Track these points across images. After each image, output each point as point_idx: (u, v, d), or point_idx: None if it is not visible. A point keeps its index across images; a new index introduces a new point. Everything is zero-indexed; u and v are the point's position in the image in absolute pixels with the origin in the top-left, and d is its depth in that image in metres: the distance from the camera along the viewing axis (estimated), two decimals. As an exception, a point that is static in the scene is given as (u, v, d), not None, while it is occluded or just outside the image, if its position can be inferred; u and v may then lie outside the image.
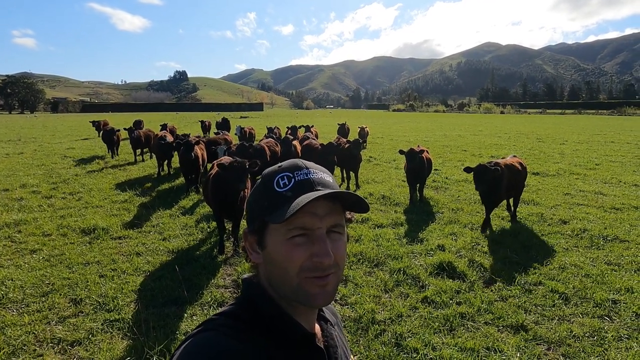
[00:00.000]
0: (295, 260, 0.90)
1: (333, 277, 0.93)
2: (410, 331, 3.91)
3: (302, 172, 0.95)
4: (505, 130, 30.87)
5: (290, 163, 0.99)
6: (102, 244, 6.29)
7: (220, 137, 12.78)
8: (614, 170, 12.64)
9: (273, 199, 0.93)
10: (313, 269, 0.90)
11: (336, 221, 0.94)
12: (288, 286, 0.92)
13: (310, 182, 0.94)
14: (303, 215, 0.89)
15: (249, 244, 1.00)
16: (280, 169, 0.97)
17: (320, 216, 0.91)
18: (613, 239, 6.46)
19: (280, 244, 0.91)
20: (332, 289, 0.93)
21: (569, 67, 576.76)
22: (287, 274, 0.91)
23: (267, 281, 0.97)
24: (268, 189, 0.95)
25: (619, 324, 4.04)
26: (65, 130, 29.74)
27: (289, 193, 0.92)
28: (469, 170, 6.75)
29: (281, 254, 0.91)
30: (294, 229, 0.90)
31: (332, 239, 0.93)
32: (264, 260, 0.96)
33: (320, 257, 0.89)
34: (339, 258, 0.93)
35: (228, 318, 0.92)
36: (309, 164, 0.99)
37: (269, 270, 0.95)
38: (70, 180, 10.98)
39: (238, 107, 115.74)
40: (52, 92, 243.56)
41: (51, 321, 4.11)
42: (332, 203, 0.94)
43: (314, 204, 0.89)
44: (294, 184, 0.93)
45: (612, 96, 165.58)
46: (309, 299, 0.91)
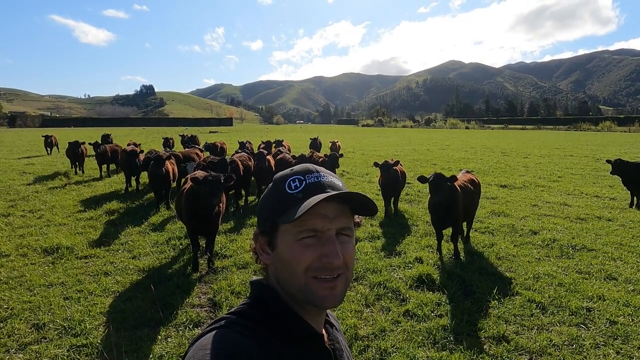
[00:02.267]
0: (305, 261, 0.92)
1: (342, 279, 0.95)
2: (394, 346, 3.85)
3: (313, 175, 0.98)
4: (471, 144, 31.84)
5: (302, 167, 1.01)
6: (66, 263, 5.94)
7: (191, 151, 12.51)
8: (575, 182, 13.20)
9: (284, 201, 0.95)
10: (322, 269, 0.92)
11: (345, 224, 0.97)
12: (296, 285, 0.94)
13: (320, 185, 0.97)
14: (313, 217, 0.92)
15: (259, 245, 1.02)
16: (292, 172, 1.00)
17: (330, 218, 0.94)
18: (581, 248, 6.68)
19: (290, 244, 0.94)
20: (340, 292, 0.95)
21: (528, 85, 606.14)
22: (295, 273, 0.93)
23: (276, 282, 0.99)
24: (280, 191, 0.98)
25: (594, 332, 4.13)
26: (23, 145, 28.36)
27: (300, 195, 0.94)
28: (423, 180, 6.08)
29: (291, 254, 0.94)
30: (304, 231, 0.93)
31: (342, 241, 0.96)
32: (274, 260, 0.99)
33: (329, 257, 0.92)
34: (348, 259, 0.95)
35: (239, 316, 0.94)
36: (320, 168, 1.02)
37: (279, 270, 0.98)
38: (30, 197, 10.41)
39: (207, 122, 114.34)
40: (10, 106, 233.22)
41: (10, 349, 3.79)
42: (342, 205, 0.97)
43: (324, 206, 0.92)
44: (305, 186, 0.96)
45: (568, 112, 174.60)
46: (318, 300, 0.93)
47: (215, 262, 5.96)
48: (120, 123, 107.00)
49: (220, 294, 4.91)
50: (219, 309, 4.62)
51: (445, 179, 5.90)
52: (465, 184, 6.58)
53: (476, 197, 7.05)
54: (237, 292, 4.97)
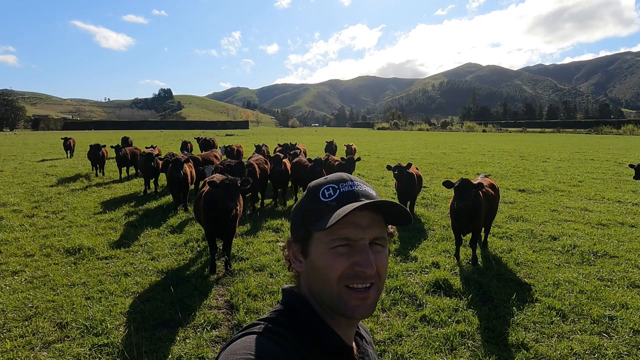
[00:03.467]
0: (337, 269, 0.92)
1: (374, 289, 0.95)
2: (411, 351, 3.83)
3: (347, 184, 0.99)
4: (489, 148, 31.43)
5: (336, 176, 1.02)
6: (87, 264, 6.08)
7: (210, 154, 12.67)
8: (596, 187, 12.91)
9: (318, 209, 0.96)
10: (354, 277, 0.92)
11: (379, 234, 0.97)
12: (328, 295, 0.94)
13: (354, 194, 0.97)
14: (347, 225, 0.92)
15: (292, 253, 1.03)
16: (327, 181, 1.01)
17: (363, 227, 0.94)
18: (603, 254, 6.53)
19: (323, 252, 0.94)
20: (372, 302, 0.95)
21: (547, 87, 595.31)
22: (328, 281, 0.93)
23: (308, 290, 1.00)
24: (314, 199, 0.98)
25: (617, 341, 4.03)
26: (46, 147, 29.11)
27: (334, 203, 0.95)
28: (449, 184, 6.03)
29: (323, 262, 0.94)
30: (337, 239, 0.93)
31: (375, 250, 0.95)
32: (306, 268, 0.99)
33: (362, 266, 0.92)
34: (380, 269, 0.95)
35: (270, 323, 0.94)
36: (354, 177, 1.02)
37: (311, 278, 0.98)
38: (53, 198, 10.68)
39: (223, 125, 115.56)
40: (34, 109, 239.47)
41: (35, 347, 3.90)
42: (375, 215, 0.96)
43: (357, 215, 0.92)
44: (339, 194, 0.96)
45: (589, 115, 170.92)
46: (348, 310, 0.93)
47: (232, 265, 6.02)
48: (139, 126, 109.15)
49: (237, 296, 4.96)
50: (235, 311, 4.67)
51: (472, 185, 5.83)
52: (487, 189, 6.48)
53: (496, 202, 6.98)
54: (254, 295, 5.01)
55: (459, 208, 5.82)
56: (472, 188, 5.80)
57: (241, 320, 4.40)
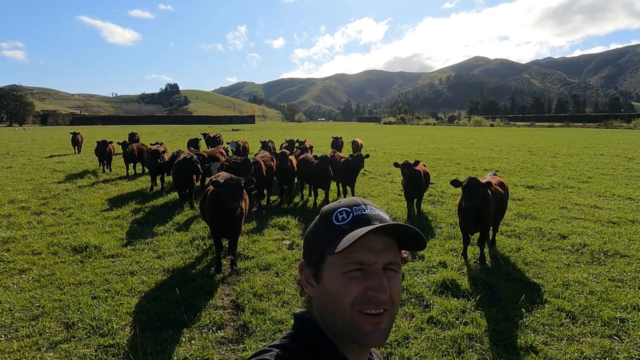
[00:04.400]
0: (350, 294, 0.91)
1: (387, 315, 0.93)
2: (417, 354, 3.79)
3: (360, 208, 0.98)
4: (497, 143, 31.14)
5: (350, 200, 1.02)
6: (94, 262, 6.10)
7: (216, 151, 12.66)
8: (606, 183, 12.72)
9: (331, 232, 0.96)
10: (367, 303, 0.91)
11: (392, 258, 0.96)
12: (340, 320, 0.93)
13: (367, 217, 0.96)
14: (360, 249, 0.91)
15: (304, 277, 1.02)
16: (340, 205, 1.01)
17: (377, 251, 0.93)
18: (613, 254, 6.43)
19: (336, 277, 0.93)
20: (385, 328, 0.94)
21: (556, 81, 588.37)
22: (340, 307, 0.92)
23: (320, 316, 0.99)
24: (327, 222, 0.98)
25: (629, 344, 3.96)
26: (54, 143, 29.32)
27: (347, 226, 0.94)
28: (457, 183, 5.99)
29: (336, 286, 0.93)
30: (351, 263, 0.92)
31: (388, 276, 0.94)
32: (319, 293, 0.98)
33: (376, 291, 0.91)
34: (394, 295, 0.94)
35: (281, 349, 0.93)
36: (367, 201, 1.02)
37: (323, 303, 0.97)
38: (61, 195, 10.74)
39: (230, 119, 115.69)
40: (42, 104, 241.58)
41: (42, 347, 3.91)
42: (389, 239, 0.96)
43: (371, 239, 0.92)
44: (352, 218, 0.96)
45: (598, 109, 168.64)
46: (361, 335, 0.91)
47: (238, 264, 6.01)
48: (146, 121, 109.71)
49: (242, 296, 4.94)
50: (241, 311, 4.65)
51: (480, 185, 5.73)
52: (496, 188, 6.35)
53: (505, 200, 6.86)
54: (260, 295, 4.99)
55: (467, 208, 5.75)
56: (481, 187, 5.71)
57: (246, 321, 4.38)
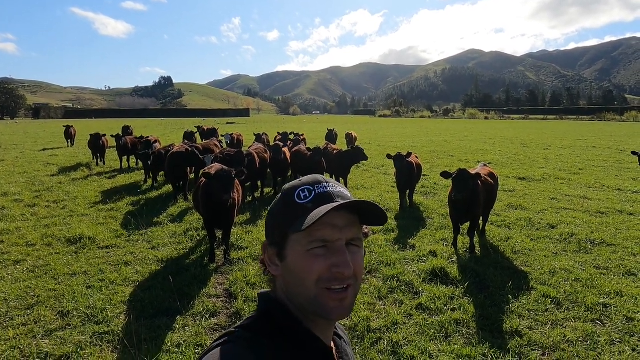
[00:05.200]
0: (315, 271, 0.91)
1: (351, 291, 0.94)
2: (406, 339, 3.89)
3: (322, 186, 0.98)
4: (490, 135, 31.31)
5: (311, 178, 1.02)
6: (88, 253, 6.15)
7: (210, 143, 12.68)
8: (597, 174, 12.90)
9: (294, 211, 0.95)
10: (332, 279, 0.92)
11: (355, 234, 0.96)
12: (306, 297, 0.93)
13: (329, 195, 0.96)
14: (323, 227, 0.91)
15: (268, 257, 1.01)
16: (301, 183, 1.00)
17: (340, 228, 0.93)
18: (600, 242, 6.57)
19: (300, 255, 0.93)
20: (349, 303, 0.94)
21: (550, 74, 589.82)
22: (305, 284, 0.93)
23: (285, 294, 0.98)
24: (289, 201, 0.98)
25: (610, 328, 4.09)
26: (47, 137, 29.12)
27: (310, 204, 0.94)
28: (447, 175, 6.06)
29: (300, 265, 0.93)
30: (315, 241, 0.92)
31: (351, 251, 0.95)
32: (283, 272, 0.98)
33: (340, 267, 0.91)
34: (357, 270, 0.95)
35: (246, 331, 0.93)
36: (329, 179, 1.02)
37: (288, 282, 0.97)
38: (54, 188, 10.74)
39: (224, 113, 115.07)
40: (34, 98, 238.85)
41: (37, 335, 3.97)
42: (351, 215, 0.96)
43: (334, 216, 0.92)
44: (315, 196, 0.96)
45: (592, 102, 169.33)
46: (326, 312, 0.92)
47: (231, 254, 6.08)
48: (140, 114, 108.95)
49: (236, 285, 5.02)
50: (234, 299, 4.73)
51: (470, 176, 5.82)
52: (486, 178, 6.46)
53: (495, 191, 6.98)
54: (253, 283, 5.07)
55: (457, 199, 5.84)
56: (470, 179, 5.81)
57: (239, 309, 4.46)
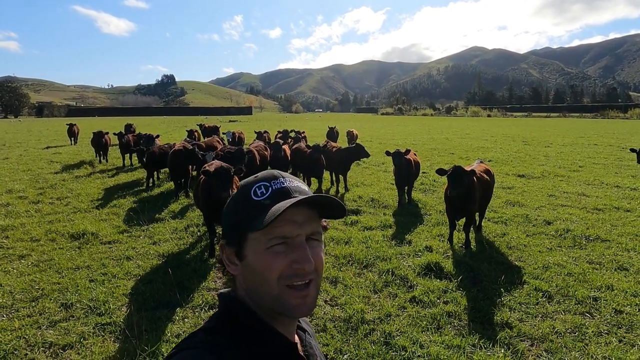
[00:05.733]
0: (276, 269, 0.90)
1: (313, 286, 0.94)
2: (398, 330, 4.00)
3: (279, 181, 0.97)
4: (492, 133, 31.34)
5: (267, 173, 1.00)
6: (91, 248, 6.28)
7: (213, 140, 12.82)
8: (596, 172, 12.95)
9: (251, 208, 0.93)
10: (293, 276, 0.91)
11: (314, 229, 0.96)
12: (268, 296, 0.92)
13: (287, 190, 0.95)
14: (282, 224, 0.90)
15: (226, 256, 0.99)
16: (257, 179, 0.98)
17: (300, 223, 0.93)
18: (595, 238, 6.65)
19: (260, 253, 0.92)
20: (312, 300, 0.94)
21: (554, 71, 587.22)
22: (267, 283, 0.91)
23: (246, 293, 0.96)
24: (245, 199, 0.95)
25: (599, 320, 4.19)
26: (50, 135, 29.34)
27: (267, 201, 0.92)
28: (442, 172, 6.14)
29: (261, 263, 0.91)
30: (274, 238, 0.91)
31: (311, 246, 0.95)
32: (243, 271, 0.96)
33: (300, 263, 0.91)
34: (318, 264, 0.95)
35: (207, 334, 0.91)
36: (285, 173, 1.01)
37: (248, 281, 0.95)
38: (58, 185, 10.89)
39: (227, 111, 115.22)
40: (37, 96, 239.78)
41: (42, 326, 4.11)
42: (310, 210, 0.95)
43: (293, 212, 0.91)
44: (272, 192, 0.94)
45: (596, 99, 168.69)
46: (290, 309, 0.92)
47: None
48: (142, 112, 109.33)
49: (234, 279, 5.13)
50: (233, 292, 4.85)
51: (465, 173, 5.90)
52: (481, 175, 6.55)
53: (491, 187, 7.06)
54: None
55: (452, 196, 5.94)
56: (465, 176, 5.90)
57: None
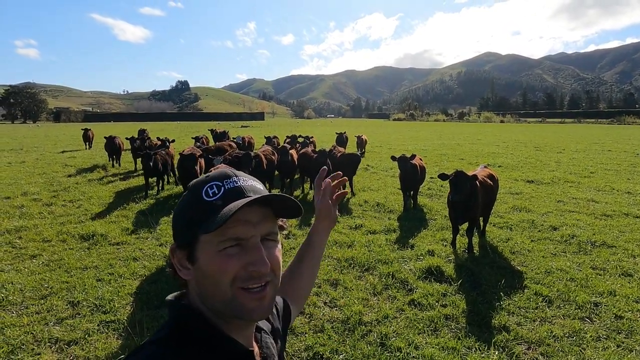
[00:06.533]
0: (229, 272, 0.86)
1: (270, 287, 0.91)
2: (395, 332, 4.04)
3: (232, 180, 0.93)
4: (504, 139, 31.07)
5: (219, 172, 0.96)
6: (100, 249, 6.44)
7: (225, 144, 13.03)
8: (608, 178, 12.78)
9: (202, 210, 0.88)
10: (248, 278, 0.87)
11: (270, 229, 0.93)
12: (221, 300, 0.88)
13: (240, 190, 0.91)
14: (236, 224, 0.86)
15: (177, 260, 0.94)
16: (209, 178, 0.93)
17: (254, 224, 0.89)
18: (601, 244, 6.59)
19: (212, 256, 0.87)
20: (269, 302, 0.91)
21: (569, 77, 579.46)
22: (220, 286, 0.87)
23: (199, 298, 0.92)
24: (196, 199, 0.91)
25: (598, 325, 4.17)
26: (66, 139, 30.00)
27: (219, 202, 0.88)
28: (444, 177, 6.13)
29: (213, 266, 0.87)
30: (227, 240, 0.87)
31: (267, 247, 0.91)
32: (195, 275, 0.91)
33: (256, 265, 0.87)
34: (275, 265, 0.91)
35: (156, 346, 0.85)
36: (239, 172, 0.97)
37: (201, 285, 0.90)
38: (71, 188, 11.15)
39: (239, 116, 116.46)
40: (55, 101, 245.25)
41: (49, 322, 4.24)
42: (265, 209, 0.92)
43: (247, 212, 0.87)
44: (224, 192, 0.90)
45: (612, 105, 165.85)
46: (246, 313, 0.88)
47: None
48: (157, 118, 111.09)
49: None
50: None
51: (467, 178, 5.92)
52: (484, 180, 6.57)
53: (495, 192, 7.06)
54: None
55: (454, 201, 5.97)
56: (467, 181, 5.92)
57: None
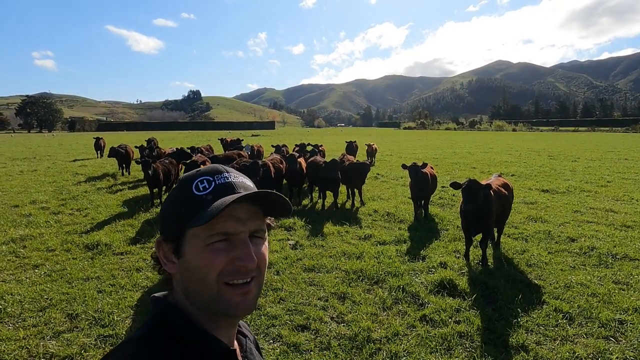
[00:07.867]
0: (216, 266, 0.86)
1: (255, 284, 0.91)
2: (406, 350, 3.81)
3: (223, 176, 0.93)
4: (516, 147, 30.59)
5: (210, 167, 0.96)
6: (104, 259, 6.32)
7: (234, 153, 12.97)
8: (626, 187, 12.38)
9: (192, 203, 0.88)
10: (235, 273, 0.87)
11: (258, 226, 0.93)
12: (207, 295, 0.87)
13: (231, 185, 0.91)
14: (225, 219, 0.86)
15: (163, 254, 0.94)
16: (200, 173, 0.94)
17: (243, 220, 0.89)
18: (622, 257, 6.28)
19: (199, 250, 0.87)
20: (253, 297, 0.91)
21: (582, 85, 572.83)
22: (206, 281, 0.87)
23: (184, 294, 0.91)
24: (186, 193, 0.91)
25: (624, 345, 3.88)
26: (79, 148, 30.33)
27: (209, 196, 0.88)
28: (456, 186, 5.95)
29: (200, 260, 0.87)
30: (216, 235, 0.87)
31: (255, 243, 0.91)
32: (180, 269, 0.91)
33: (243, 261, 0.87)
34: (261, 262, 0.91)
35: (138, 345, 0.84)
36: (230, 168, 0.97)
37: (186, 280, 0.90)
38: (79, 196, 11.13)
39: (250, 125, 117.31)
40: (70, 111, 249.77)
41: (46, 336, 4.10)
42: (254, 207, 0.92)
43: (236, 208, 0.87)
44: (215, 187, 0.90)
45: (627, 113, 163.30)
46: (231, 308, 0.88)
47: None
48: (169, 127, 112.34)
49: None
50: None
51: (480, 187, 5.70)
52: (499, 189, 6.33)
53: (510, 202, 6.80)
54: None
55: (467, 210, 5.74)
56: (480, 190, 5.69)
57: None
